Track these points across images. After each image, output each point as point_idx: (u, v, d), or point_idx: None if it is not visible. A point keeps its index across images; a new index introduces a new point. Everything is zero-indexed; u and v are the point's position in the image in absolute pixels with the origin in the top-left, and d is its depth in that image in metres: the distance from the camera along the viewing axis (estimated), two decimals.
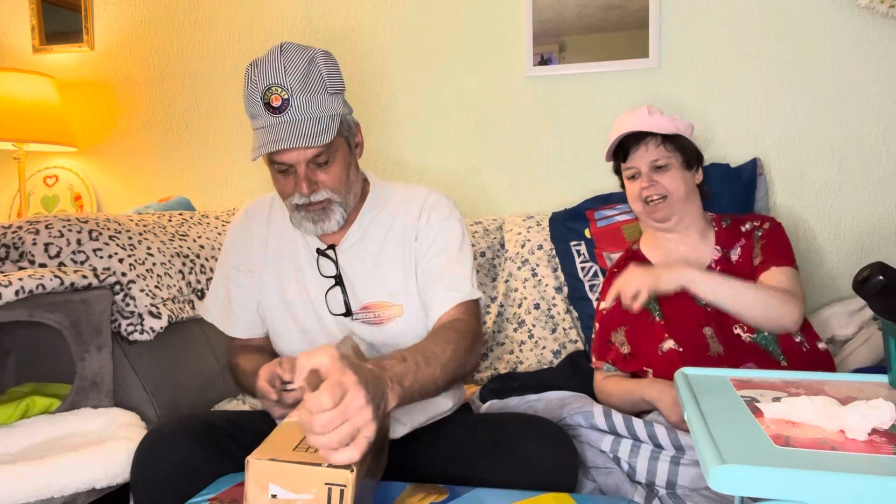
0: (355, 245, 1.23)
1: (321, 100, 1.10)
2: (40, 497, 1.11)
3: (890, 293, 0.82)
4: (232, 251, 1.29)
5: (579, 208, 1.89)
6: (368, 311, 1.21)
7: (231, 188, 2.38)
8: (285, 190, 1.15)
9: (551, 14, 2.04)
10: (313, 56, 1.10)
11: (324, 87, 1.10)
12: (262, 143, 1.08)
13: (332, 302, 1.21)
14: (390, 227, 1.23)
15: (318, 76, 1.09)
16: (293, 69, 1.07)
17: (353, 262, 1.23)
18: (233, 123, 2.37)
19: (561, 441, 1.07)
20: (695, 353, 1.31)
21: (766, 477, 0.60)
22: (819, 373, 0.98)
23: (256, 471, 0.74)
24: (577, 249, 1.84)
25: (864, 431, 0.68)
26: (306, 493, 0.74)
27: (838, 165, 1.89)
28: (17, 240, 1.42)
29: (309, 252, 1.24)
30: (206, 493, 0.98)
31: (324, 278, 1.22)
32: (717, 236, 1.45)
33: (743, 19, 1.93)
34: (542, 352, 1.80)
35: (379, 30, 2.21)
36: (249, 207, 1.32)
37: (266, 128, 1.08)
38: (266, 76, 1.07)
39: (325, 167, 1.13)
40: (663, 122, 1.43)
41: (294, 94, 1.07)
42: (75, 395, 1.35)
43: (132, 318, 1.45)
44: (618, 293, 1.32)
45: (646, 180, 1.41)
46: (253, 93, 1.09)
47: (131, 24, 2.44)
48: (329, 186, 1.14)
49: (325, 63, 1.11)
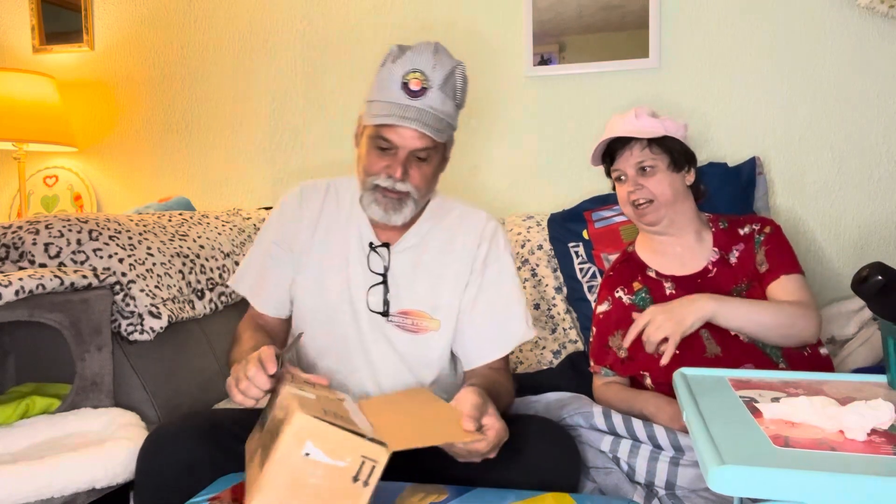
0: (410, 249, 1.26)
1: (450, 105, 1.17)
2: (40, 497, 1.11)
3: (889, 293, 0.82)
4: (278, 226, 1.30)
5: (577, 209, 1.89)
6: (406, 316, 1.23)
7: (231, 188, 2.38)
8: (374, 167, 1.18)
9: (551, 14, 2.04)
10: (456, 66, 1.18)
11: (454, 96, 1.18)
12: (386, 113, 1.13)
13: (372, 298, 1.23)
14: (450, 243, 1.27)
15: (454, 84, 1.17)
16: (441, 68, 1.14)
17: (404, 266, 1.25)
18: (233, 123, 2.37)
19: (565, 441, 1.08)
20: (692, 355, 1.31)
21: (765, 477, 0.60)
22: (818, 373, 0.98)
23: (300, 425, 0.74)
24: (575, 251, 1.84)
25: (864, 432, 0.69)
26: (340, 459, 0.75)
27: (838, 165, 1.89)
28: (17, 240, 1.42)
29: (361, 245, 1.26)
30: (206, 493, 0.98)
31: (371, 273, 1.24)
32: (715, 238, 1.45)
33: (743, 19, 1.93)
34: (542, 352, 1.80)
35: (379, 30, 2.21)
36: (305, 188, 1.33)
37: (395, 104, 1.13)
38: (415, 61, 1.14)
39: (421, 164, 1.18)
40: (651, 124, 1.41)
41: (432, 88, 1.14)
42: (75, 395, 1.35)
43: (132, 318, 1.45)
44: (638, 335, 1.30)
45: (631, 184, 1.41)
46: (396, 70, 1.14)
47: (131, 24, 2.44)
48: (416, 182, 1.18)
49: (462, 77, 1.19)
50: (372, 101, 1.18)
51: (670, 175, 1.41)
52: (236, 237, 1.88)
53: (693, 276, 1.41)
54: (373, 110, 1.17)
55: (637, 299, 1.43)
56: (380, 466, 0.77)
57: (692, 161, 1.46)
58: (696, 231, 1.45)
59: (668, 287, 1.41)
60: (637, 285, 1.45)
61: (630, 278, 1.46)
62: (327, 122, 2.28)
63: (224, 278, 1.75)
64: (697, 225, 1.46)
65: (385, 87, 1.15)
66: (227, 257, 1.80)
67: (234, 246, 1.85)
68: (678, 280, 1.41)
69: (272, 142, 2.34)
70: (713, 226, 1.47)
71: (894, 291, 0.82)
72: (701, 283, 1.40)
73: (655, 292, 1.42)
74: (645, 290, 1.43)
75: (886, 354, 0.89)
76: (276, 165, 2.34)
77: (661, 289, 1.42)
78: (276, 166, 2.34)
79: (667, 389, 1.31)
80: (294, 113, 2.31)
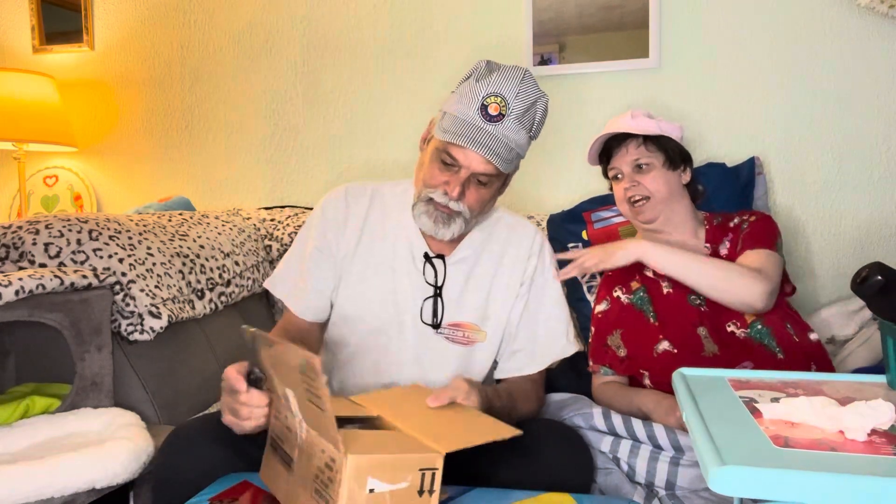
0: (463, 261, 1.26)
1: (523, 135, 1.16)
2: (40, 497, 1.11)
3: (888, 293, 0.82)
4: (322, 230, 1.27)
5: (576, 210, 1.89)
6: (457, 329, 1.23)
7: (231, 188, 2.38)
8: (434, 180, 1.17)
9: (551, 14, 2.04)
10: (540, 97, 1.18)
11: (531, 127, 1.18)
12: (459, 132, 1.11)
13: (425, 310, 1.22)
14: (501, 255, 1.28)
15: (533, 116, 1.17)
16: (523, 98, 1.14)
17: (457, 278, 1.24)
18: (233, 123, 2.37)
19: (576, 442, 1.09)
20: (690, 353, 1.31)
21: (766, 478, 0.60)
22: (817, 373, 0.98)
23: (356, 467, 0.74)
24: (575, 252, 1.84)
25: (864, 432, 0.68)
26: (403, 481, 0.76)
27: (838, 165, 1.89)
28: (17, 240, 1.42)
29: (411, 254, 1.24)
30: (207, 493, 0.98)
31: (425, 285, 1.23)
32: (707, 234, 1.46)
33: (743, 19, 1.93)
34: None
35: (379, 30, 2.21)
36: (351, 190, 1.31)
37: (469, 124, 1.12)
38: (500, 85, 1.13)
39: (480, 187, 1.18)
40: (646, 123, 1.43)
41: (510, 117, 1.13)
42: (75, 395, 1.35)
43: (132, 318, 1.45)
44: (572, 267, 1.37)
45: (627, 181, 1.42)
46: (479, 89, 1.13)
47: (131, 24, 2.44)
48: (470, 204, 1.18)
49: (543, 110, 1.19)
50: (447, 112, 1.16)
51: (666, 173, 1.42)
52: (236, 237, 1.88)
53: None
54: (445, 124, 1.15)
55: (635, 298, 1.43)
56: (439, 471, 0.79)
57: (688, 161, 1.47)
58: (692, 230, 1.46)
59: (665, 286, 1.42)
60: (635, 284, 1.45)
61: (628, 277, 1.47)
62: (327, 122, 2.28)
63: (224, 278, 1.75)
64: (693, 224, 1.47)
65: (464, 104, 1.14)
66: (227, 257, 1.80)
67: (234, 246, 1.85)
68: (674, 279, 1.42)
69: (272, 142, 2.34)
70: (708, 223, 1.48)
71: (894, 291, 0.82)
72: None
73: (653, 291, 1.42)
74: (643, 288, 1.43)
75: (886, 354, 0.89)
76: (276, 165, 2.34)
77: (659, 287, 1.42)
78: (275, 166, 2.34)
79: (666, 388, 1.31)
80: (294, 113, 2.31)
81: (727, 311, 1.35)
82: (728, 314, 1.35)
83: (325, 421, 0.76)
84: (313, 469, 0.81)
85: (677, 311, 1.37)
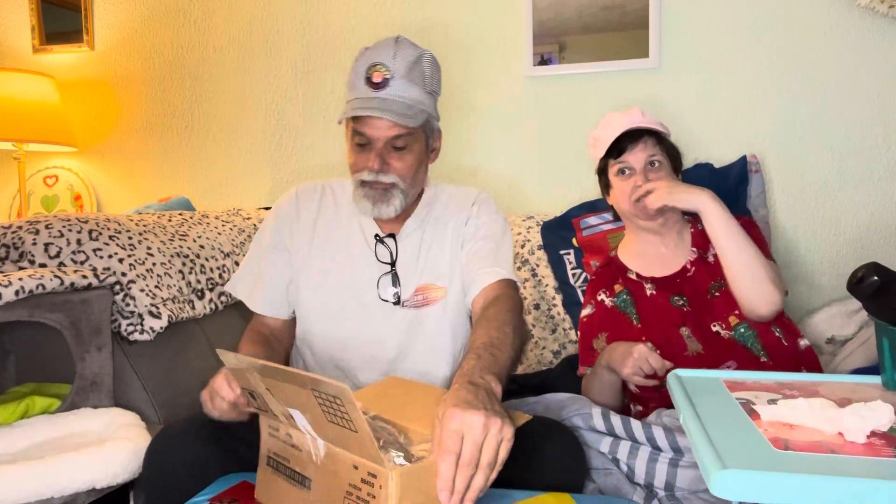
0: (414, 233, 1.29)
1: (417, 92, 1.20)
2: (40, 497, 1.11)
3: (885, 294, 0.82)
4: (274, 229, 1.32)
5: (566, 217, 1.89)
6: (418, 293, 1.26)
7: (231, 188, 2.38)
8: (357, 164, 1.22)
9: (551, 14, 2.04)
10: (422, 54, 1.21)
11: (422, 83, 1.21)
12: (356, 107, 1.17)
13: (383, 289, 1.26)
14: (446, 222, 1.31)
15: (420, 71, 1.20)
16: (402, 58, 1.18)
17: (411, 250, 1.28)
18: (233, 123, 2.37)
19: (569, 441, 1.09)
20: (672, 353, 1.32)
21: (769, 482, 0.59)
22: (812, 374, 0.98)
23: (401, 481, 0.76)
24: (567, 258, 1.84)
25: (863, 434, 0.68)
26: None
27: (838, 165, 1.88)
28: (17, 240, 1.42)
29: (364, 239, 1.29)
30: (206, 493, 0.99)
31: (379, 263, 1.27)
32: (693, 237, 1.46)
33: (742, 19, 1.93)
34: (542, 352, 1.80)
35: (378, 30, 2.20)
36: (300, 190, 1.36)
37: (360, 98, 1.17)
38: (376, 56, 1.18)
39: (401, 152, 1.20)
40: (655, 122, 1.45)
41: (395, 78, 1.17)
42: (75, 395, 1.35)
43: (132, 318, 1.45)
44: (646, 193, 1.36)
45: (640, 178, 1.41)
46: (359, 67, 1.19)
47: (131, 24, 2.44)
48: (398, 172, 1.20)
49: (431, 64, 1.22)
50: (346, 102, 1.22)
51: (671, 173, 1.43)
52: (236, 237, 1.88)
53: (672, 276, 1.43)
54: (345, 109, 1.20)
55: (619, 301, 1.44)
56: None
57: (680, 167, 1.49)
58: (678, 231, 1.47)
59: (649, 288, 1.43)
60: (618, 287, 1.46)
61: (611, 281, 1.48)
62: (327, 122, 2.28)
63: (224, 278, 1.75)
64: (680, 225, 1.48)
65: (353, 86, 1.20)
66: (227, 257, 1.80)
67: (234, 246, 1.85)
68: (658, 281, 1.43)
69: (272, 141, 2.34)
70: (692, 226, 1.48)
71: (890, 292, 0.82)
72: (680, 282, 1.42)
73: (636, 294, 1.43)
74: (626, 291, 1.45)
75: (881, 355, 0.89)
76: (276, 165, 2.34)
77: (642, 290, 1.43)
78: (275, 166, 2.34)
79: (652, 391, 1.32)
80: (294, 113, 2.31)
81: (711, 312, 1.36)
82: (713, 315, 1.35)
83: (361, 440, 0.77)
84: (342, 485, 0.82)
85: (660, 312, 1.39)
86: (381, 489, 0.76)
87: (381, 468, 0.76)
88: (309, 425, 0.84)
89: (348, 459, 0.81)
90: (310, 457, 0.87)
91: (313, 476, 0.87)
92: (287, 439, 0.91)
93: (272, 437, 0.95)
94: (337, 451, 0.83)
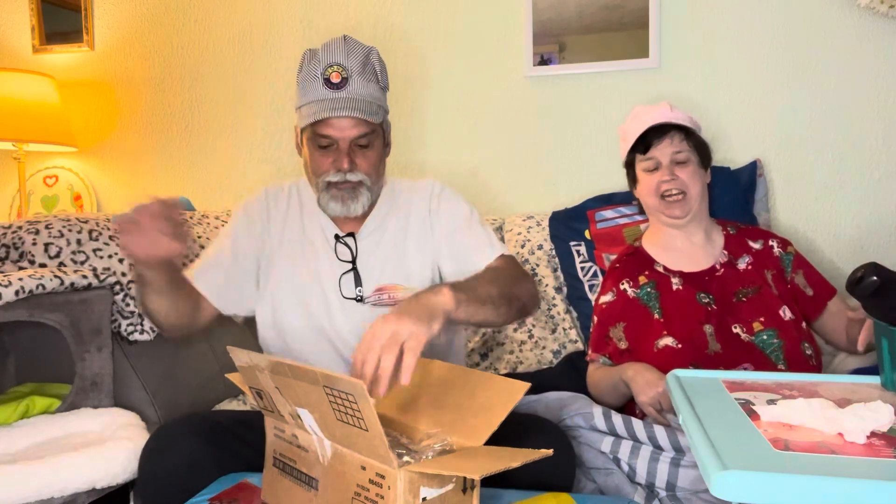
0: (375, 232, 1.29)
1: (374, 88, 1.21)
2: (40, 497, 1.11)
3: (884, 294, 0.82)
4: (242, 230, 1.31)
5: (581, 208, 1.89)
6: (382, 292, 1.26)
7: (231, 188, 2.38)
8: (321, 167, 1.21)
9: (551, 14, 2.04)
10: (370, 50, 1.22)
11: (376, 79, 1.22)
12: (319, 110, 1.16)
13: (345, 286, 1.26)
14: (407, 217, 1.31)
15: (372, 68, 1.21)
16: (354, 55, 1.19)
17: (373, 249, 1.28)
18: (233, 123, 2.37)
19: (559, 439, 1.08)
20: (693, 350, 1.31)
21: (770, 482, 0.59)
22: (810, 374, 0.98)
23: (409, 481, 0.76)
24: (577, 249, 1.84)
25: (863, 434, 0.68)
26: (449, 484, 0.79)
27: (838, 166, 1.88)
28: (17, 240, 1.42)
29: (325, 238, 1.29)
30: (206, 493, 0.99)
31: (340, 262, 1.27)
32: (727, 241, 1.46)
33: (743, 19, 1.93)
34: (542, 352, 1.80)
35: (378, 30, 2.20)
36: (269, 191, 1.37)
37: (321, 101, 1.17)
38: (329, 56, 1.18)
39: (365, 150, 1.22)
40: (684, 117, 1.44)
41: (353, 76, 1.18)
42: (75, 395, 1.35)
43: (132, 318, 1.46)
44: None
45: (667, 173, 1.40)
46: (313, 69, 1.19)
47: (131, 24, 2.44)
48: (364, 170, 1.21)
49: (379, 60, 1.23)
50: (300, 106, 1.22)
51: (699, 170, 1.43)
52: None
53: (701, 273, 1.42)
54: (305, 113, 1.20)
55: (642, 293, 1.43)
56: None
57: (710, 161, 1.48)
58: (706, 230, 1.46)
59: (676, 283, 1.41)
60: (643, 279, 1.44)
61: (636, 272, 1.46)
62: None
63: None
64: (707, 224, 1.47)
65: (309, 89, 1.19)
66: None
67: None
68: (686, 276, 1.42)
69: (272, 142, 2.34)
70: (723, 229, 1.48)
71: (889, 292, 0.82)
72: (708, 280, 1.41)
73: (662, 287, 1.42)
74: (651, 284, 1.43)
75: (879, 355, 0.89)
76: (276, 165, 2.33)
77: (668, 284, 1.42)
78: (276, 166, 2.34)
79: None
80: (294, 113, 2.30)
81: (735, 314, 1.35)
82: (735, 317, 1.35)
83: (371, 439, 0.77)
84: (350, 486, 0.81)
85: (685, 307, 1.37)
86: (390, 489, 0.76)
87: (390, 468, 0.76)
88: (316, 425, 0.84)
89: (356, 460, 0.81)
90: (316, 458, 0.87)
91: (320, 477, 0.86)
92: (293, 440, 0.91)
93: (278, 438, 0.95)
94: (344, 452, 0.83)
